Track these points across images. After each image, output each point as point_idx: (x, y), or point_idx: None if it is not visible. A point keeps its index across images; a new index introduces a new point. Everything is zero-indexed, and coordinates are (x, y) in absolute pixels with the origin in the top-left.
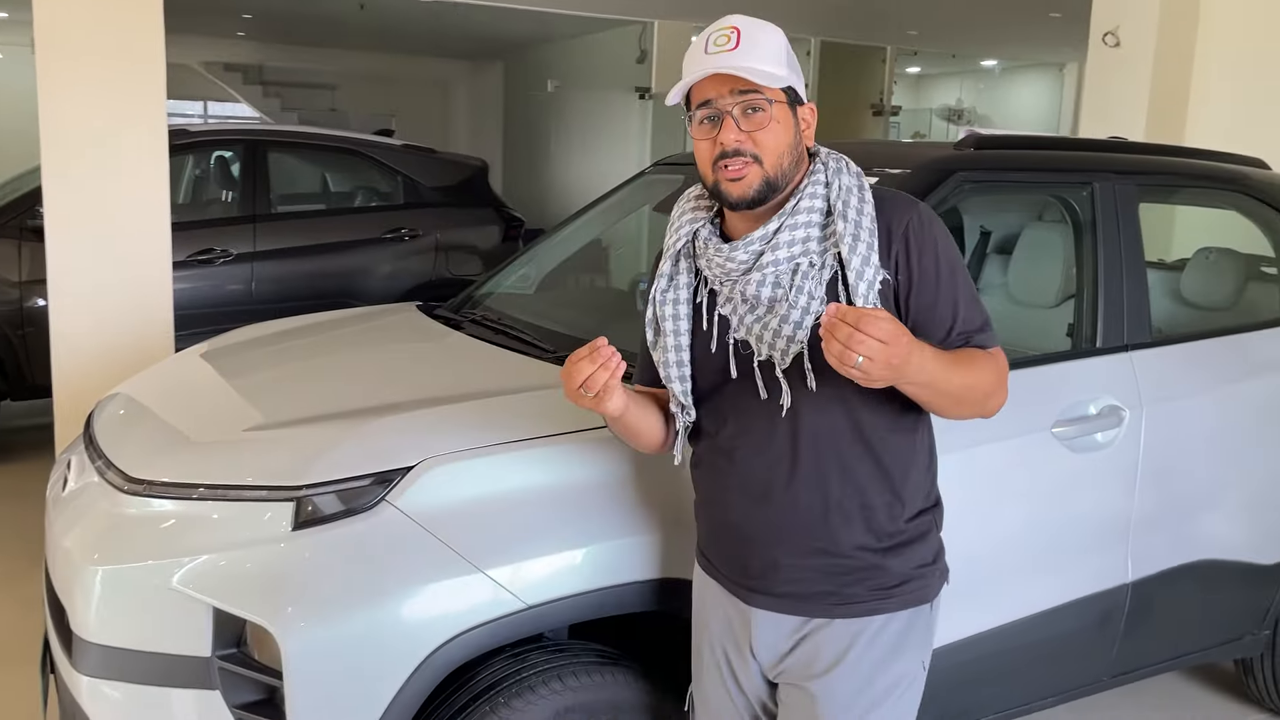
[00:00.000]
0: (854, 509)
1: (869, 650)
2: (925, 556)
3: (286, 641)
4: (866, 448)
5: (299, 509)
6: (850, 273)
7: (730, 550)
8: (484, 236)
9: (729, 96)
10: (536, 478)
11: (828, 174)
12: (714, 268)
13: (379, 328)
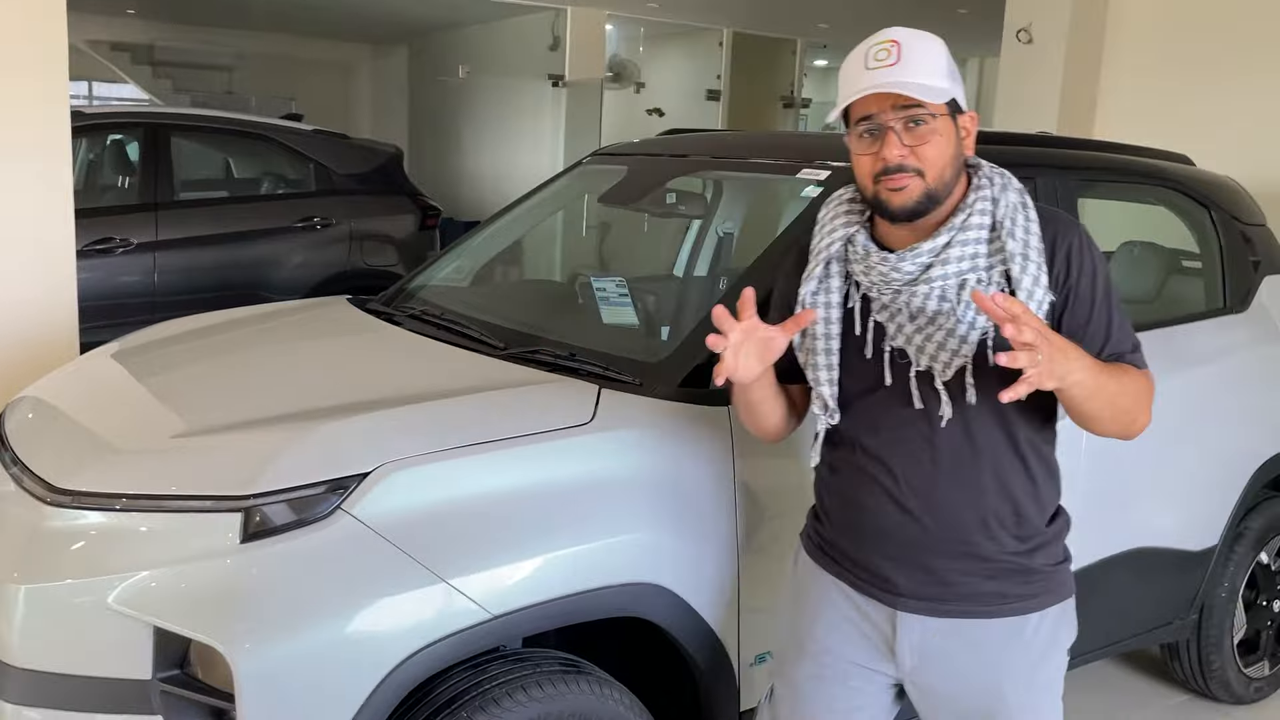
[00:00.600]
0: (1006, 516)
1: (1030, 649)
2: (1060, 554)
3: (238, 661)
4: (1019, 458)
5: (247, 520)
6: (1020, 292)
7: (874, 554)
8: (399, 226)
9: (890, 112)
10: (500, 481)
11: (994, 190)
12: (874, 276)
13: (309, 323)
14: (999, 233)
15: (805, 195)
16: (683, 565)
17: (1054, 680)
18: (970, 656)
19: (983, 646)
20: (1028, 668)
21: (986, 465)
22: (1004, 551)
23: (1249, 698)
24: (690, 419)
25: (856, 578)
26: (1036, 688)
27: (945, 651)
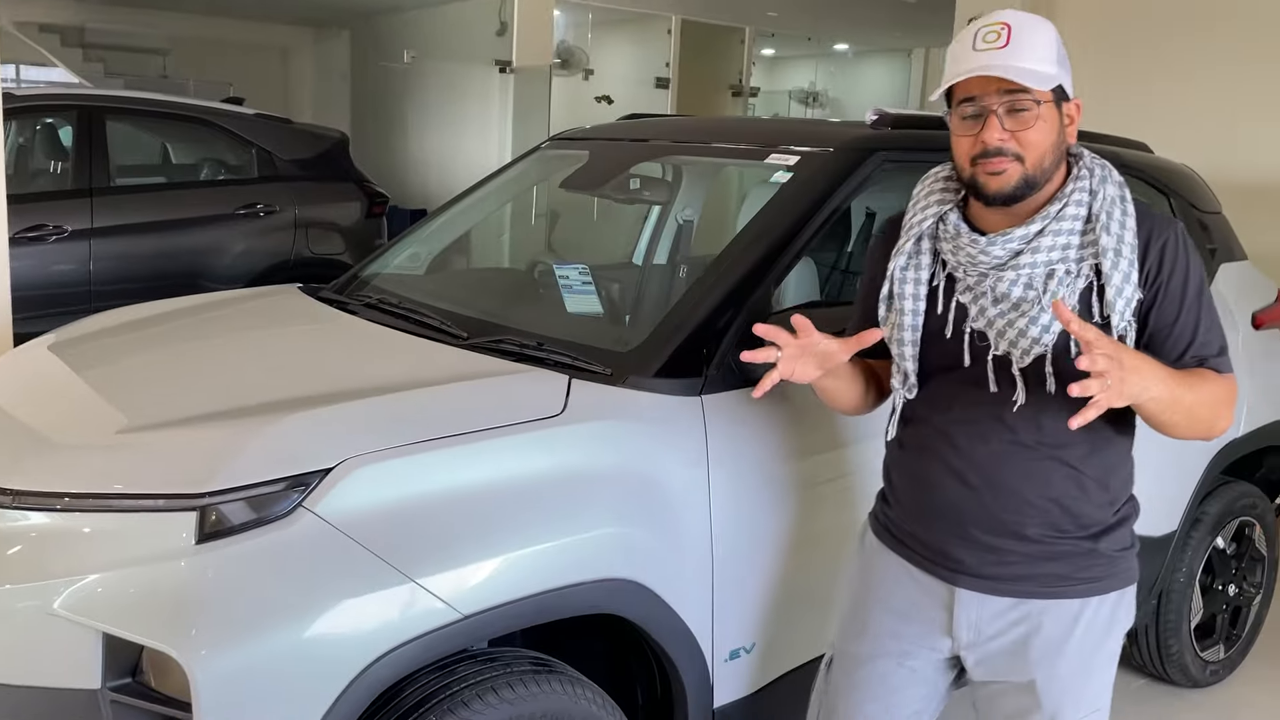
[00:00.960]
0: (1071, 503)
1: (1088, 634)
2: (1126, 540)
3: (195, 669)
4: (1090, 449)
5: (203, 519)
6: (1110, 288)
7: (935, 531)
8: (345, 213)
9: (994, 95)
10: (470, 476)
11: (1093, 181)
12: (961, 257)
13: (259, 312)
14: (1094, 225)
15: (775, 181)
16: (657, 560)
17: (1108, 663)
18: (1027, 636)
19: (1041, 627)
20: (1084, 650)
21: (1054, 454)
22: (1065, 536)
23: (1205, 681)
24: (664, 410)
25: (919, 555)
26: (1092, 669)
27: (1002, 630)
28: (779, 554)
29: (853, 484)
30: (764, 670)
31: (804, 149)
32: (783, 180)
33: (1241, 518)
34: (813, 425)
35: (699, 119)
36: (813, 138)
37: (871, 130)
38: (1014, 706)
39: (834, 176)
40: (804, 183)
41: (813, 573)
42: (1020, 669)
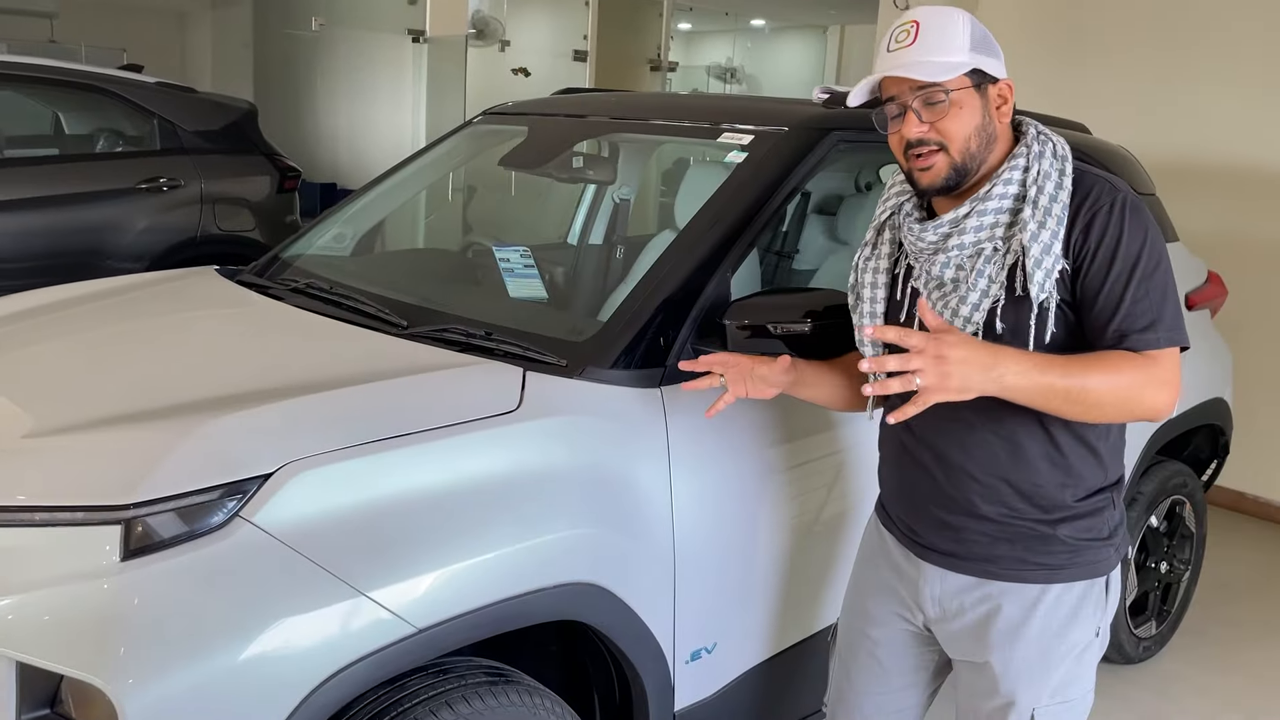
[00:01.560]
0: (1024, 482)
1: (1048, 621)
2: (1098, 531)
3: (124, 700)
4: (1042, 429)
5: (128, 533)
6: (1029, 259)
7: (905, 508)
8: (255, 188)
9: (909, 91)
10: (421, 479)
11: (1029, 158)
12: (909, 244)
13: (175, 298)
14: (1023, 201)
15: (729, 160)
16: (619, 562)
17: (1076, 656)
18: (987, 617)
19: (1000, 609)
20: (1044, 637)
21: (1001, 433)
22: (1020, 517)
23: (1138, 657)
24: (623, 403)
25: (899, 531)
26: (1053, 658)
27: (964, 608)
28: (741, 550)
29: (821, 471)
30: (724, 670)
31: (758, 128)
32: (739, 160)
33: (1174, 496)
34: (774, 415)
35: (641, 95)
36: (765, 116)
37: (825, 109)
38: (975, 686)
39: (790, 156)
40: (760, 163)
41: (774, 566)
42: (980, 650)
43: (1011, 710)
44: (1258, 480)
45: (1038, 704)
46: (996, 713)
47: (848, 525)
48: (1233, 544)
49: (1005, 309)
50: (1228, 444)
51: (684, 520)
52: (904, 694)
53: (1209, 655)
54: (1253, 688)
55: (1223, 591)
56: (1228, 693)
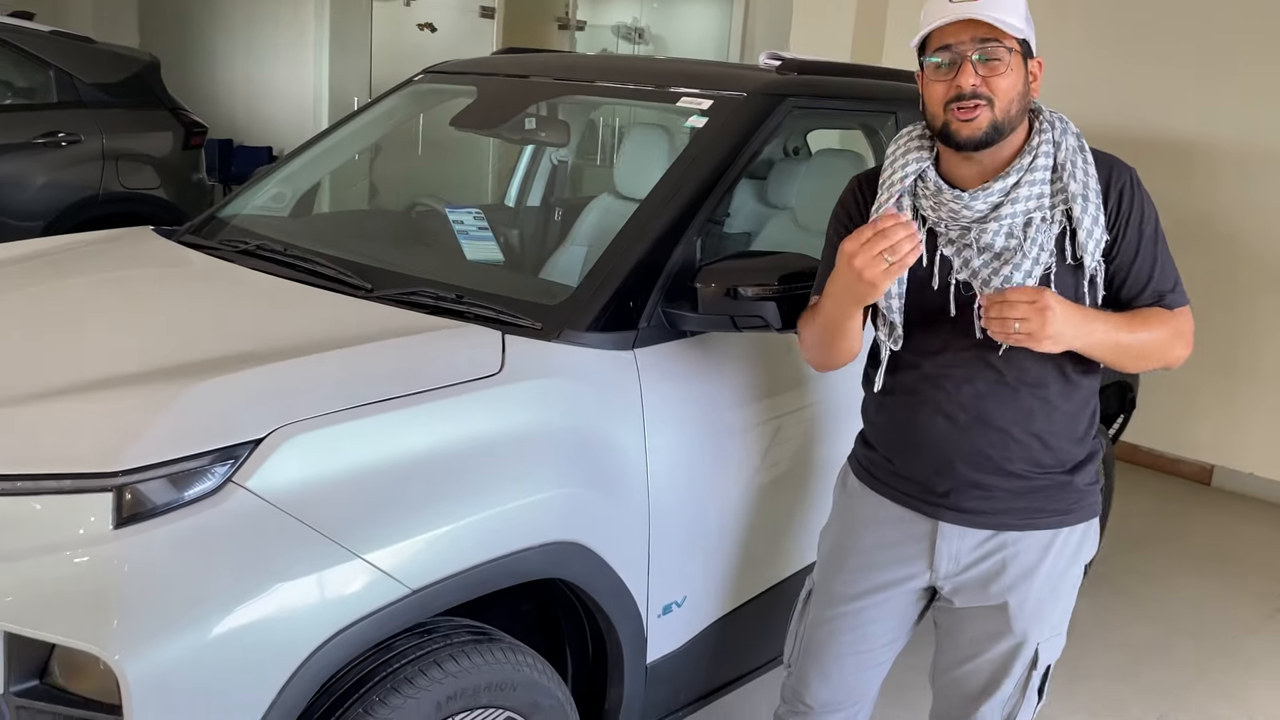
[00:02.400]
0: (1050, 438)
1: (1056, 561)
2: (1093, 475)
3: (126, 667)
4: (1066, 386)
5: (120, 501)
6: (1081, 231)
7: (920, 470)
8: (159, 144)
9: (969, 42)
10: (411, 441)
11: (1055, 134)
12: (943, 212)
13: (123, 260)
14: (1060, 174)
15: (690, 125)
16: (598, 520)
17: (1071, 590)
18: (1004, 565)
19: (1016, 555)
20: (1053, 576)
21: (1036, 390)
22: (1044, 470)
23: None
24: (599, 365)
25: (901, 492)
26: (1059, 595)
27: (979, 559)
28: (712, 506)
29: (785, 427)
30: (694, 622)
31: (717, 93)
32: (699, 124)
33: None
34: (741, 375)
35: (594, 57)
36: (720, 81)
37: (780, 76)
38: (985, 629)
39: (749, 122)
40: (722, 127)
41: (745, 519)
42: (994, 594)
43: (1021, 648)
44: (1153, 434)
45: (1041, 638)
46: (1008, 653)
47: (809, 480)
48: (1131, 495)
49: (1060, 275)
50: (1134, 400)
51: (658, 479)
52: (883, 651)
53: (1114, 598)
54: (1155, 629)
55: (1124, 539)
56: (1132, 636)
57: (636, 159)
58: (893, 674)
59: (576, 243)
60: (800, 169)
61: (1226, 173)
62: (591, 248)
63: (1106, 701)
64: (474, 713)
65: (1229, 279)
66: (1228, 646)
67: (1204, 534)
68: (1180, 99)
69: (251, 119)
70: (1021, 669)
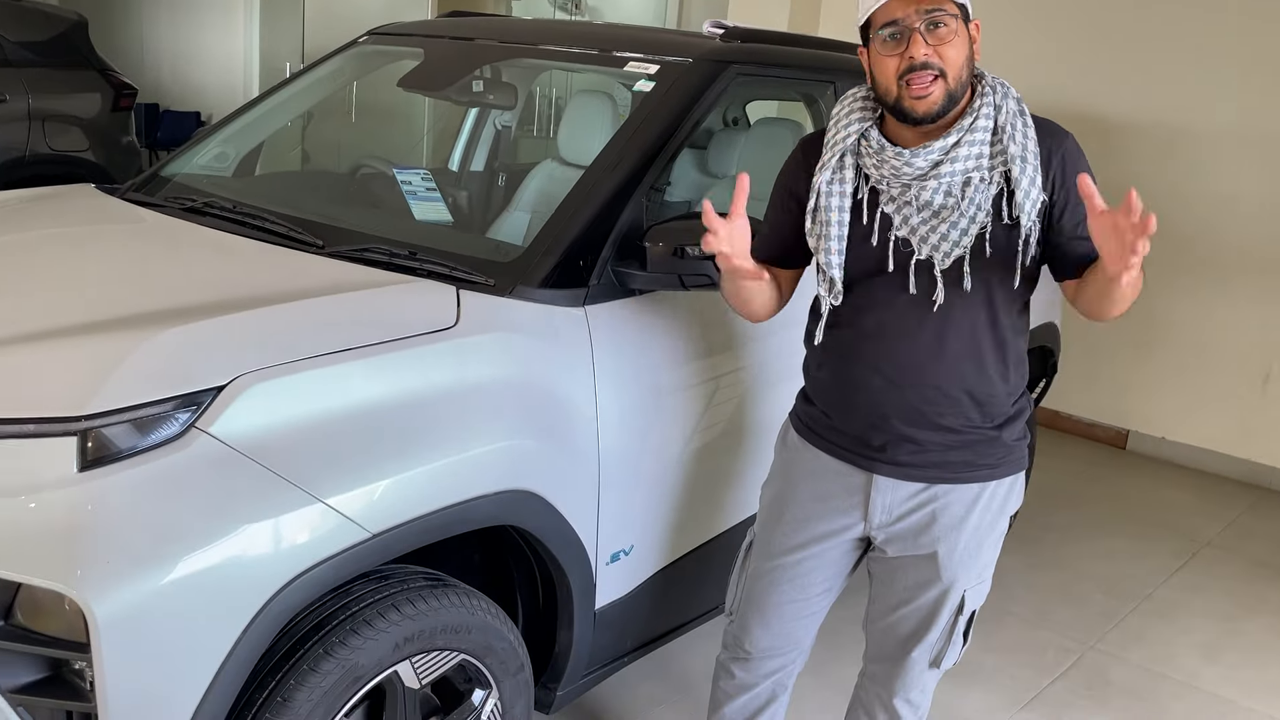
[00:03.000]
0: (981, 393)
1: (984, 514)
2: (1023, 430)
3: (95, 606)
4: (997, 341)
5: (84, 444)
6: (1019, 192)
7: (856, 424)
8: (87, 105)
9: (915, 14)
10: (371, 390)
11: (996, 97)
12: (885, 170)
13: (69, 215)
14: (1000, 136)
15: (638, 90)
16: (550, 470)
17: (997, 542)
18: (934, 517)
19: (948, 509)
20: (981, 528)
21: (969, 347)
22: (975, 425)
23: None
24: (550, 320)
25: (838, 446)
26: (984, 545)
27: (911, 510)
28: (658, 457)
29: (729, 384)
30: (639, 570)
31: (663, 58)
32: (646, 89)
33: None
34: (688, 332)
35: (536, 22)
36: (666, 47)
37: (724, 44)
38: (916, 577)
39: (696, 87)
40: (668, 93)
41: (690, 471)
42: (925, 544)
43: (949, 594)
44: (1071, 400)
45: (968, 585)
46: (936, 599)
47: (750, 436)
48: (1051, 458)
49: (995, 234)
50: (1055, 364)
51: (608, 431)
52: (820, 599)
53: (1035, 553)
54: (1073, 581)
55: (1044, 499)
56: (1052, 587)
57: (580, 125)
58: (826, 621)
59: (520, 208)
60: (740, 138)
61: (1145, 151)
62: (536, 212)
63: (1027, 643)
64: (430, 654)
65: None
66: (1140, 597)
67: (1119, 495)
68: (1103, 78)
69: (178, 83)
70: (948, 614)
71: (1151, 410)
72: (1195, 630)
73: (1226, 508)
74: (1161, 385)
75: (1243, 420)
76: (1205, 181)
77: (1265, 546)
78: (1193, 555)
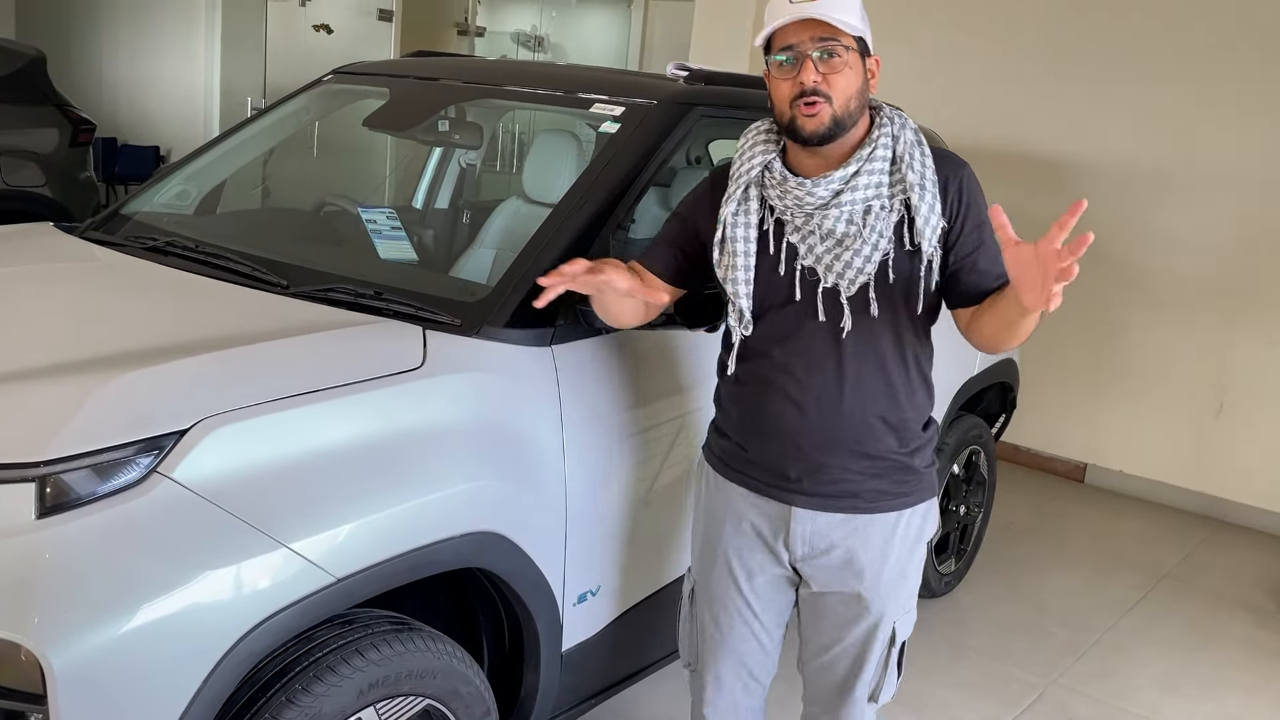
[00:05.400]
0: (893, 419)
1: (903, 543)
2: (929, 458)
3: (51, 656)
4: (905, 367)
5: (43, 490)
6: (919, 218)
7: (772, 456)
8: (44, 140)
9: (809, 41)
10: (335, 433)
11: (894, 128)
12: (789, 200)
13: (27, 254)
14: (899, 165)
15: (604, 130)
16: (518, 511)
17: (918, 568)
18: (854, 547)
19: (867, 539)
20: (901, 557)
21: (879, 374)
22: (889, 451)
23: (941, 591)
24: (517, 360)
25: (757, 480)
26: (907, 574)
27: (832, 542)
28: (625, 497)
29: (692, 423)
30: (607, 610)
31: (628, 99)
32: (612, 130)
33: (972, 446)
34: (654, 371)
35: (501, 62)
36: (631, 89)
37: (688, 86)
38: (845, 614)
39: (661, 128)
40: (634, 133)
41: (654, 512)
42: (850, 579)
43: (879, 627)
44: (1030, 434)
45: (896, 616)
46: (867, 633)
47: None
48: (1010, 492)
49: (898, 261)
50: (1015, 399)
51: (574, 471)
52: (772, 634)
53: (996, 588)
54: (1033, 615)
55: (1006, 532)
56: (1012, 621)
57: (545, 163)
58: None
59: (486, 245)
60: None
61: (1102, 188)
62: (501, 249)
63: (989, 677)
64: (395, 700)
65: (1101, 289)
66: (1100, 629)
67: (1078, 528)
68: (1061, 117)
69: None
70: (881, 648)
71: (1109, 443)
72: (1155, 662)
73: (1184, 540)
74: (1118, 418)
75: (1197, 453)
76: (1157, 216)
77: (1222, 578)
78: (1152, 587)
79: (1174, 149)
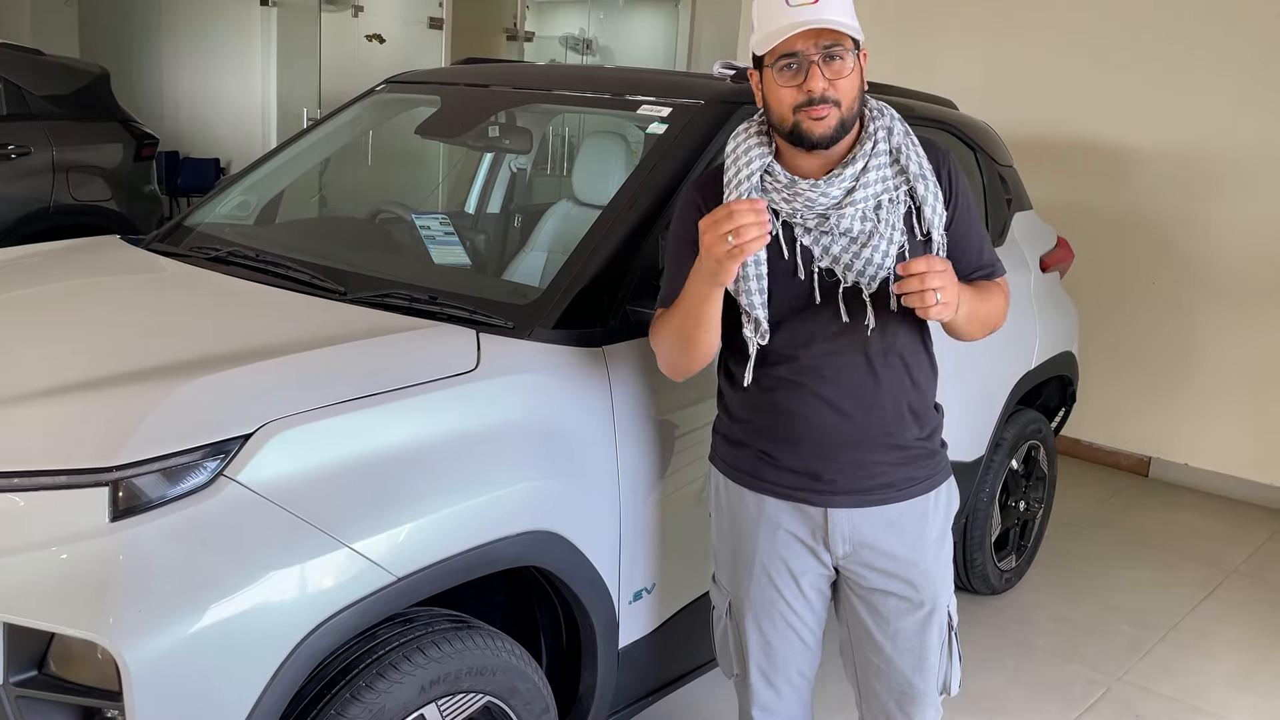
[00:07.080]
0: (918, 407)
1: (934, 523)
2: (942, 439)
3: (127, 655)
4: (926, 357)
5: (116, 495)
6: (926, 208)
7: (804, 460)
8: (110, 155)
9: (814, 48)
10: (394, 435)
11: (885, 120)
12: (798, 203)
13: (96, 267)
14: (898, 157)
15: (651, 132)
16: (572, 510)
17: (950, 547)
18: (892, 536)
19: (903, 526)
20: (936, 538)
21: (903, 365)
22: (914, 439)
23: (1001, 588)
24: (568, 361)
25: (785, 487)
26: (942, 553)
27: (872, 535)
28: (677, 495)
29: None
30: (662, 608)
31: (675, 100)
32: (659, 131)
33: (1030, 441)
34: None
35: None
36: (678, 89)
37: (734, 84)
38: (898, 605)
39: (708, 128)
40: (681, 133)
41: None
42: (896, 569)
43: (934, 613)
44: (1092, 428)
45: (945, 598)
46: (923, 620)
47: None
48: (1073, 486)
49: (912, 251)
50: (1074, 393)
51: (627, 470)
52: (815, 632)
53: (1060, 585)
54: (1099, 612)
55: (1068, 529)
56: (1077, 619)
57: (594, 166)
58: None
59: (537, 248)
60: None
61: (1164, 178)
62: (552, 252)
63: (1054, 676)
64: (456, 697)
65: (1163, 279)
66: (1167, 626)
67: (1142, 523)
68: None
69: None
70: (940, 632)
71: (1173, 436)
72: (1225, 660)
73: (1251, 534)
74: (1182, 411)
75: (1265, 444)
76: (1219, 204)
77: None
78: (1219, 583)
79: (1242, 136)
